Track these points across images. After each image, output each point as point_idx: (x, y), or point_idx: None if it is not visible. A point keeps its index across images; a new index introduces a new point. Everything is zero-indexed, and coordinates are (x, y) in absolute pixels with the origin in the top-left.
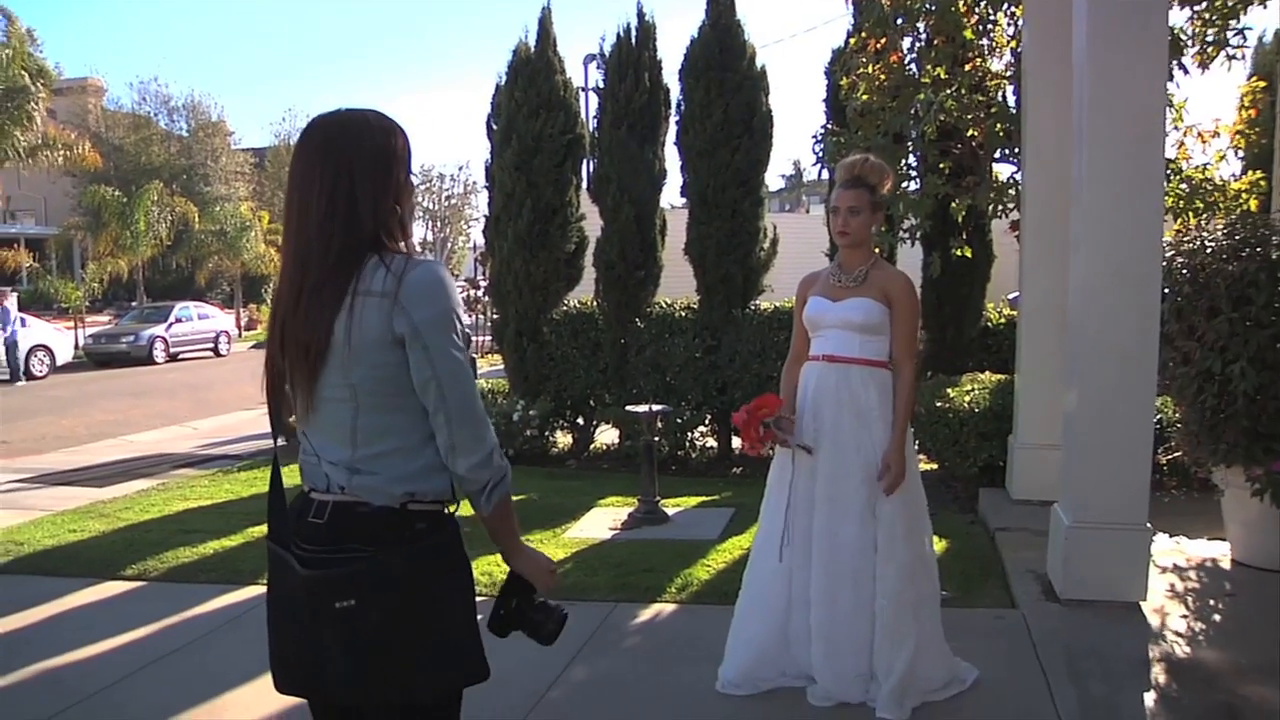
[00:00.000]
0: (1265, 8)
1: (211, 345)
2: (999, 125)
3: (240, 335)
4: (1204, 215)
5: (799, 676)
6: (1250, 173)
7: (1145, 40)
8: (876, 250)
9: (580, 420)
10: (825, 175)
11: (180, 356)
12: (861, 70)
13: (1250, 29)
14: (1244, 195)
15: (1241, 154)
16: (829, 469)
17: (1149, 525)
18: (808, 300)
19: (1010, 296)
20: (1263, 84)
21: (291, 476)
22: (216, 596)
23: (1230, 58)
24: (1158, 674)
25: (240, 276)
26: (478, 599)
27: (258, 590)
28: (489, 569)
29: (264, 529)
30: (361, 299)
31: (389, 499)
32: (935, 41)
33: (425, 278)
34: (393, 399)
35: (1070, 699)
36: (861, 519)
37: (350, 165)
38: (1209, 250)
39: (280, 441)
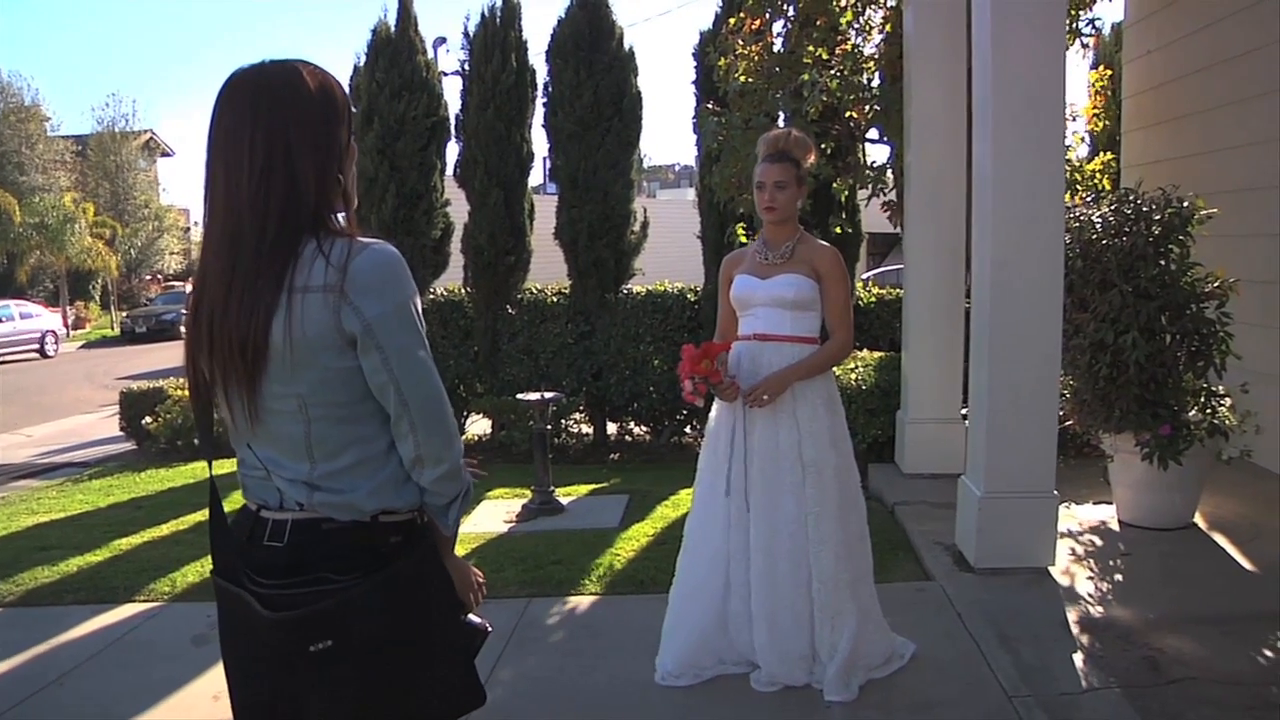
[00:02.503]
0: (1111, 1)
1: (37, 346)
2: (870, 107)
3: (69, 335)
4: (1067, 194)
5: (739, 663)
6: (1102, 154)
7: (1048, 19)
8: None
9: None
10: (695, 158)
11: (2, 359)
12: (740, 50)
13: (1100, 19)
14: (1098, 175)
15: (1093, 137)
16: (765, 448)
17: (1055, 492)
18: (734, 279)
19: (866, 275)
20: (1109, 72)
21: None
22: (90, 619)
23: (1084, 45)
24: (1080, 634)
25: (65, 272)
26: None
27: (137, 608)
28: None
29: (132, 540)
30: (300, 296)
31: (357, 515)
32: (818, 22)
33: (373, 264)
34: (350, 407)
35: (1006, 665)
36: (797, 499)
37: (286, 130)
38: (1098, 226)
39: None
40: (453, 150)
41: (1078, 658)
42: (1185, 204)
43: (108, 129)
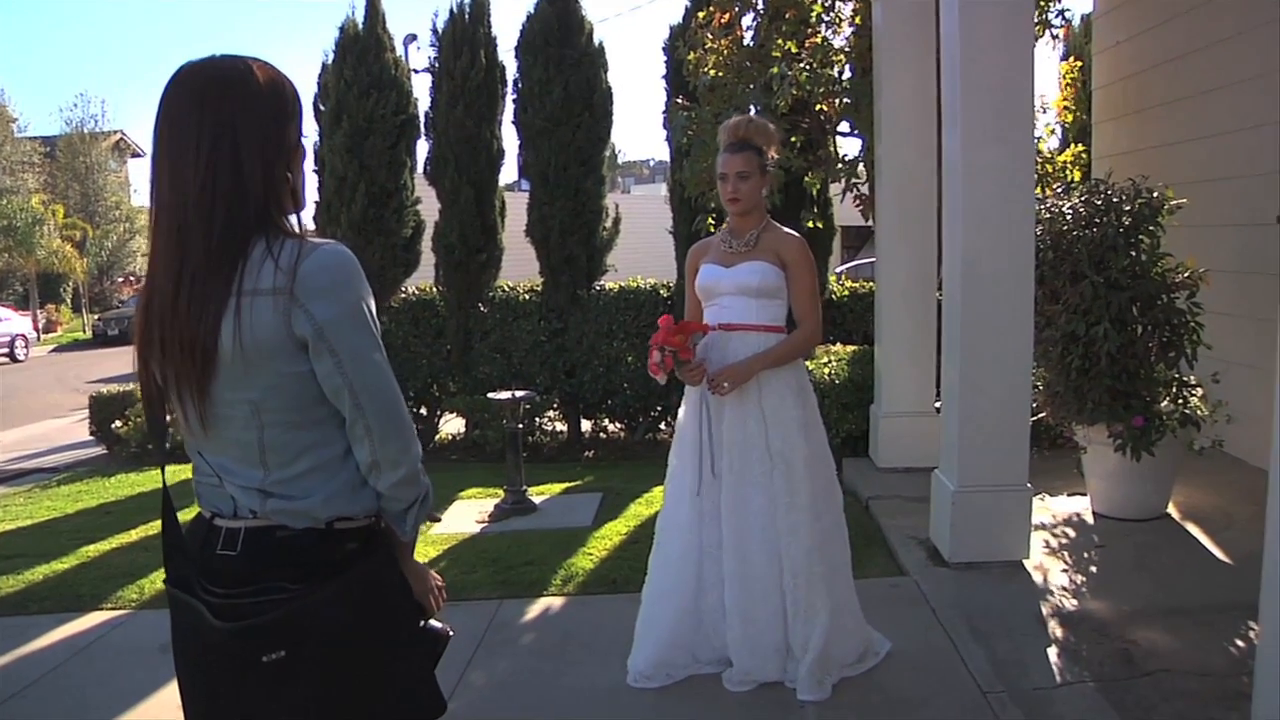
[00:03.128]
0: None
1: (7, 350)
2: (843, 100)
3: (39, 339)
4: (1039, 186)
5: (712, 661)
6: (1073, 145)
7: (1016, 8)
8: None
9: (424, 410)
10: (667, 153)
11: None
12: (709, 45)
13: (1070, 10)
14: (1069, 167)
15: (1064, 128)
16: (733, 440)
17: (1029, 485)
18: (699, 269)
19: (840, 269)
20: (1080, 64)
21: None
22: (55, 628)
23: (1054, 37)
24: (1054, 628)
25: (35, 275)
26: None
27: (103, 615)
28: None
29: (100, 547)
30: (249, 299)
31: (312, 521)
32: (786, 14)
33: (323, 266)
34: (304, 412)
35: (980, 660)
36: (766, 491)
37: (233, 122)
38: (1068, 217)
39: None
40: (423, 148)
41: (1052, 652)
42: (1155, 194)
43: (76, 130)
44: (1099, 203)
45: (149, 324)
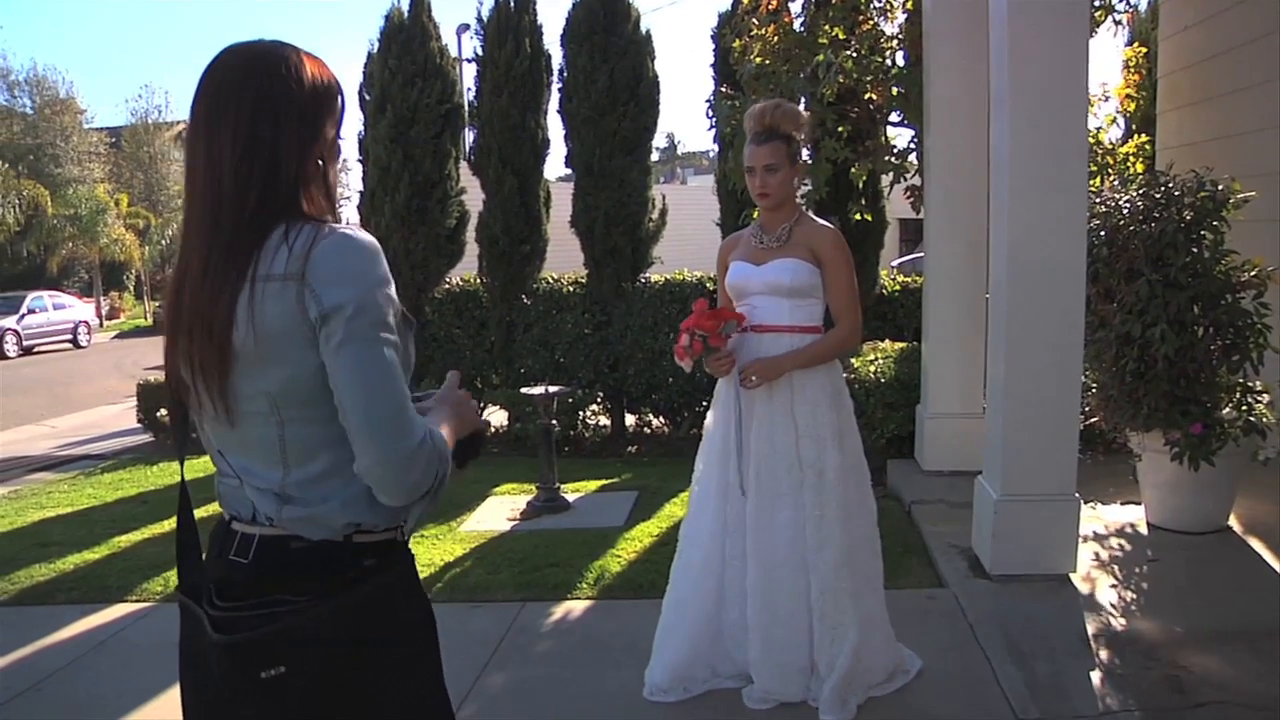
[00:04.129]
0: None
1: (70, 337)
2: (893, 88)
3: (101, 325)
4: (1097, 178)
5: (732, 675)
6: (1136, 136)
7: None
8: (801, 202)
9: None
10: (714, 144)
11: (35, 350)
12: (755, 32)
13: None
14: (1131, 158)
15: (1127, 118)
16: (761, 451)
17: (1077, 495)
18: (729, 266)
19: (896, 263)
20: (1144, 50)
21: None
22: (78, 619)
23: (1116, 23)
24: (1099, 649)
25: (99, 263)
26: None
27: (127, 608)
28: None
29: (132, 537)
30: (261, 285)
31: (329, 531)
32: (835, 0)
33: (337, 250)
34: (326, 406)
35: (1016, 682)
36: (796, 504)
37: (274, 102)
38: (1125, 212)
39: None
40: (469, 138)
41: (1095, 676)
42: (1219, 187)
43: (141, 120)
44: (1158, 196)
45: (179, 306)
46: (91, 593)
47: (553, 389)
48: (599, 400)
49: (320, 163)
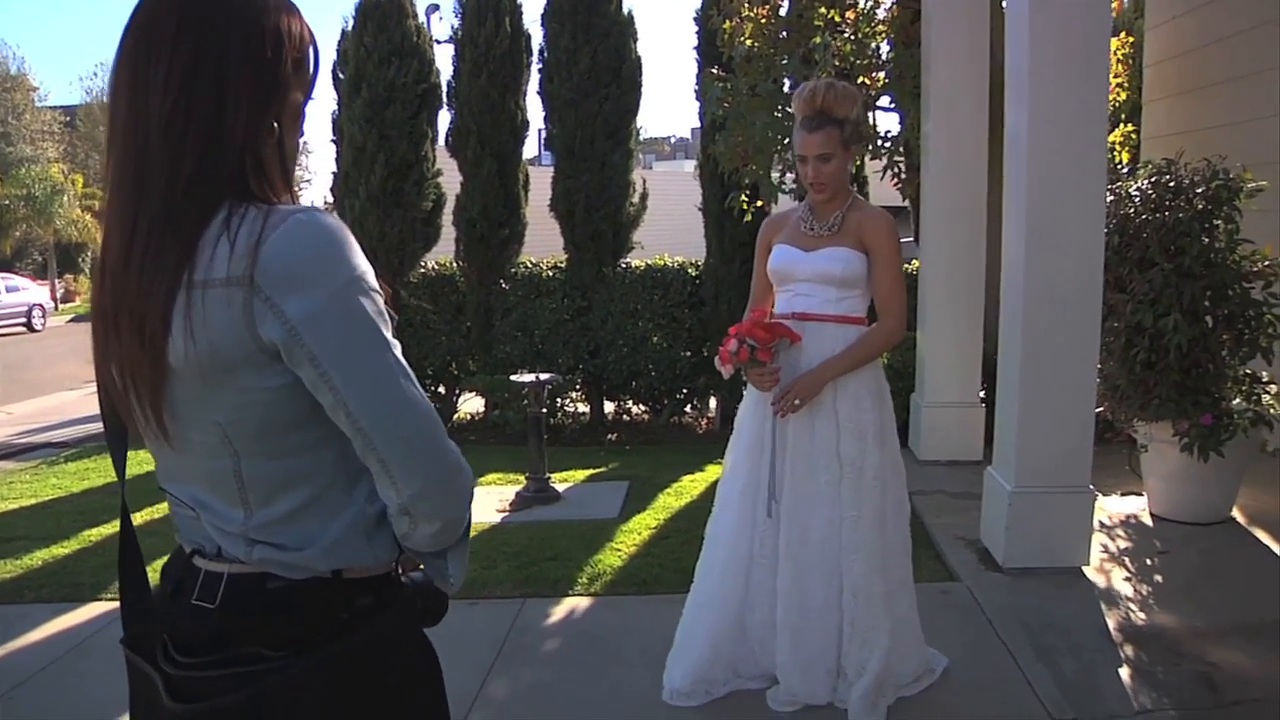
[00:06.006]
0: None
1: (24, 320)
2: (881, 74)
3: (56, 309)
4: None
5: (755, 676)
6: (1122, 125)
7: None
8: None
9: (442, 389)
10: (695, 128)
11: None
12: (746, 13)
13: None
14: (1118, 147)
15: (1115, 108)
16: (799, 444)
17: (1091, 487)
18: (773, 248)
19: None
20: (1131, 40)
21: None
22: (51, 619)
23: None
24: (1124, 645)
25: (54, 245)
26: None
27: (103, 607)
28: None
29: (103, 530)
30: (199, 292)
31: (310, 572)
32: None
33: (294, 243)
34: (287, 436)
35: (1046, 681)
36: (832, 501)
37: (222, 42)
38: (1136, 200)
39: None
40: (445, 119)
41: (1124, 673)
42: (1232, 175)
43: (97, 99)
44: (1170, 184)
45: (101, 295)
46: (64, 590)
47: (543, 376)
48: (578, 387)
49: (276, 127)
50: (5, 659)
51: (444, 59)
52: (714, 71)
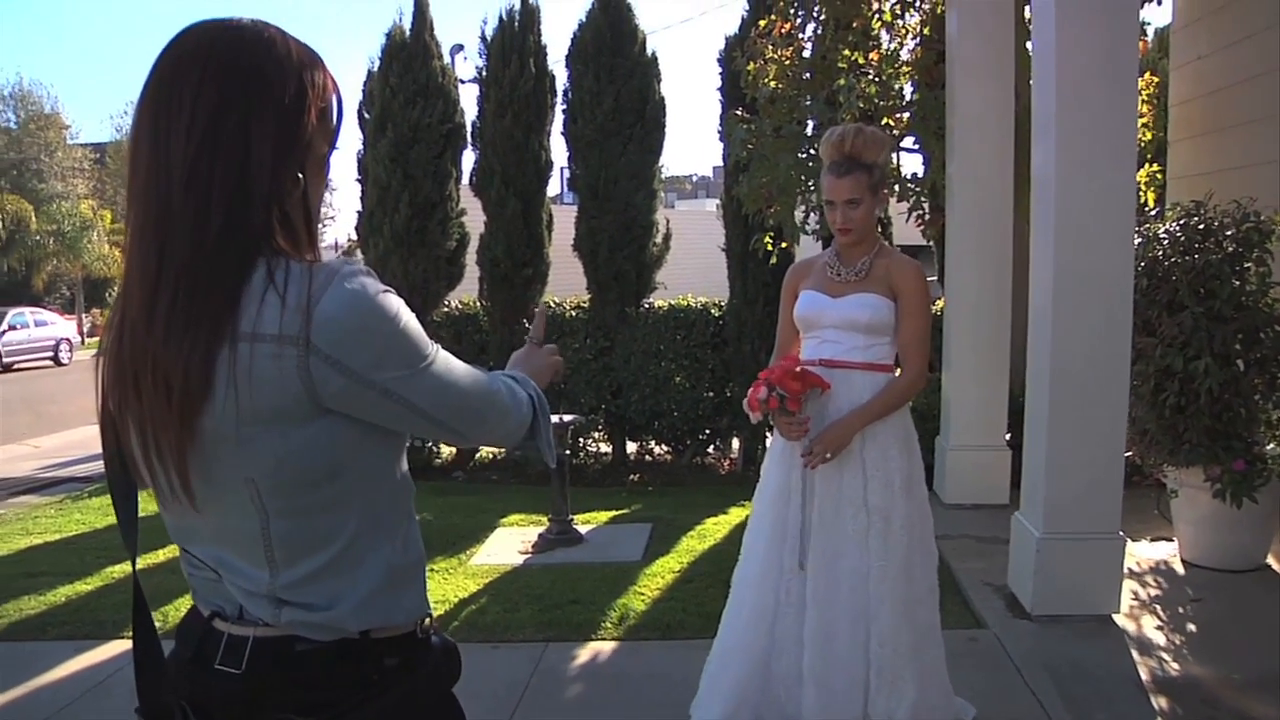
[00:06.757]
0: (1160, 4)
1: (51, 354)
2: (905, 116)
3: (84, 343)
4: None
5: None
6: (1148, 165)
7: (1120, 20)
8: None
9: None
10: (718, 168)
11: (15, 367)
12: (770, 55)
13: (1149, 24)
14: (1144, 187)
15: (1140, 148)
16: (826, 491)
17: (1121, 533)
18: (799, 294)
19: None
20: (1156, 80)
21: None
22: (73, 656)
23: None
24: (1157, 698)
25: (82, 280)
26: None
27: (124, 645)
28: None
29: (125, 568)
30: (248, 346)
31: (340, 633)
32: (853, 24)
33: (346, 306)
34: (317, 489)
35: None
36: (860, 550)
37: (246, 90)
38: (1165, 242)
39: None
40: (469, 159)
41: None
42: (1263, 218)
43: (126, 137)
44: (1199, 226)
45: (119, 351)
46: (85, 628)
47: (566, 418)
48: (600, 428)
49: (300, 178)
50: (27, 697)
51: (469, 99)
52: (738, 113)
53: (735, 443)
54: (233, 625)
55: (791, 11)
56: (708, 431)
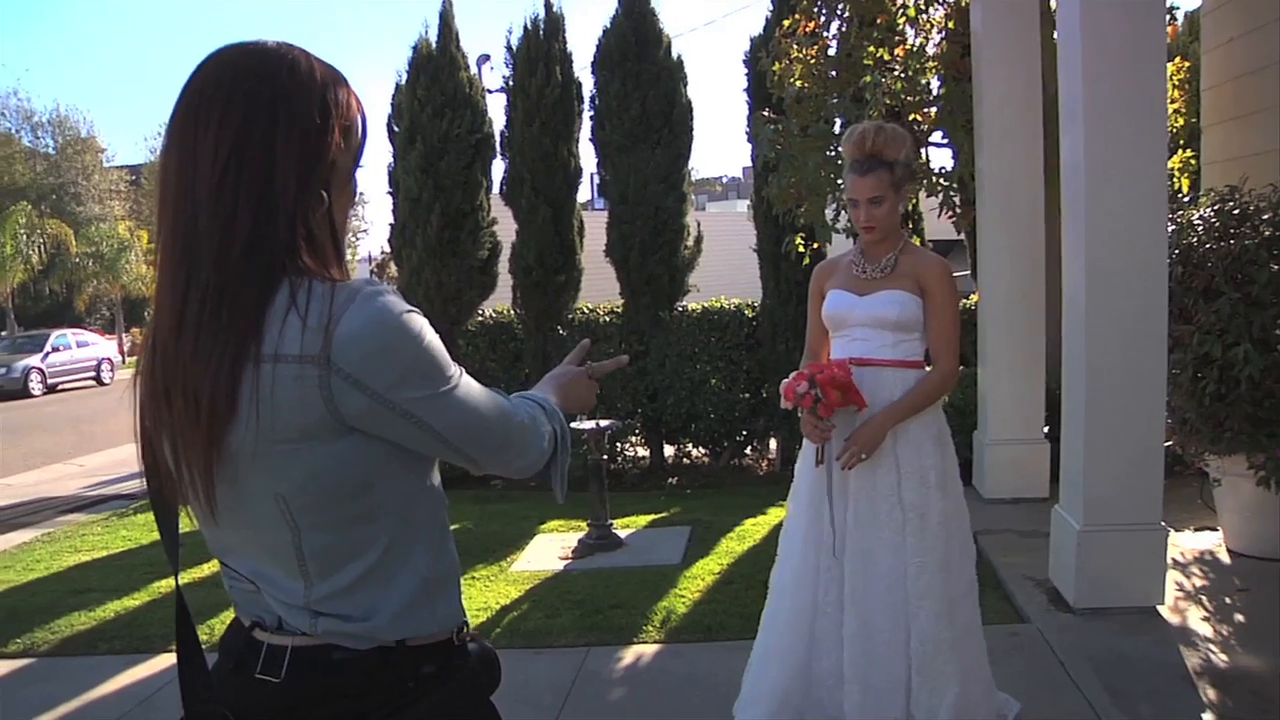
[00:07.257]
0: None
1: (94, 374)
2: (934, 110)
3: (124, 362)
4: None
5: None
6: (1181, 151)
7: (1146, 4)
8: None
9: None
10: (746, 169)
11: (59, 388)
12: (795, 54)
13: (1179, 7)
14: (1177, 173)
15: (1173, 133)
16: (860, 489)
17: (1163, 524)
18: (826, 294)
19: None
20: (1187, 65)
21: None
22: (122, 671)
23: None
24: (1205, 688)
25: (121, 300)
26: None
27: (172, 659)
28: None
29: (171, 583)
30: (270, 366)
31: (376, 642)
32: (878, 20)
33: (367, 328)
34: (347, 504)
35: None
36: (897, 549)
37: (271, 112)
38: (1199, 229)
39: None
40: (498, 168)
41: (1207, 718)
42: None
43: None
44: (1234, 211)
45: (152, 369)
46: (135, 642)
47: (603, 423)
48: (637, 431)
49: (325, 196)
50: (80, 710)
51: (496, 109)
52: (765, 114)
53: (773, 443)
54: (272, 635)
55: (815, 10)
56: (744, 433)
